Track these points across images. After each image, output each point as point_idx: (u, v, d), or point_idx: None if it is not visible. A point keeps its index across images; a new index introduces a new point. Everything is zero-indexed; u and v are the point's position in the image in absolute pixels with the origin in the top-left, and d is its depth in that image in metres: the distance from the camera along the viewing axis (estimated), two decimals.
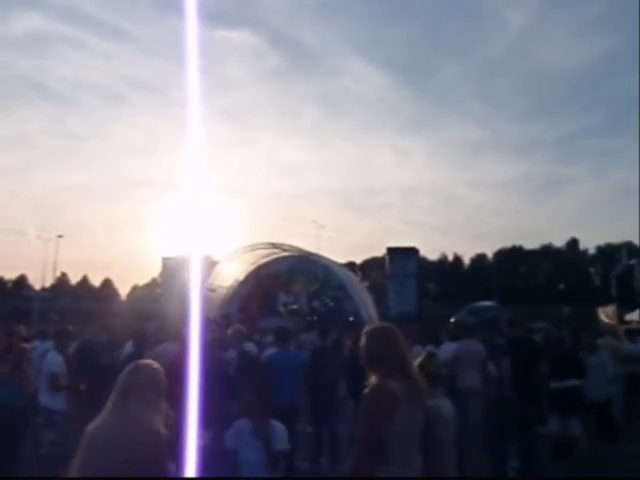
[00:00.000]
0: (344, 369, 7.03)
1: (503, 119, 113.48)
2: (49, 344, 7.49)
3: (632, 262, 40.35)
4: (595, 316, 26.38)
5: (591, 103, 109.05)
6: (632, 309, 24.31)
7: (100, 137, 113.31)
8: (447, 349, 7.63)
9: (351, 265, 62.96)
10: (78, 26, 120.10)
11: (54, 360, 6.44)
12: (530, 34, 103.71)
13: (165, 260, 36.36)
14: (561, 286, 74.04)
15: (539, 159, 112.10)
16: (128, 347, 7.18)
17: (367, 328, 3.00)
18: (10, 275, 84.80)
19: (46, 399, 6.12)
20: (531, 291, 69.68)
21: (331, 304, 26.85)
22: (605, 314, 25.58)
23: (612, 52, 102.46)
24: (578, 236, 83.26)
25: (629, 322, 20.81)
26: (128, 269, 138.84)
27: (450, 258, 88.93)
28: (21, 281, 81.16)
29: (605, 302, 29.72)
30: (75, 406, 6.68)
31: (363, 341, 2.91)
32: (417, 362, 3.47)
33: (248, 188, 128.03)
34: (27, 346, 6.61)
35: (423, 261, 55.86)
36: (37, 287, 57.05)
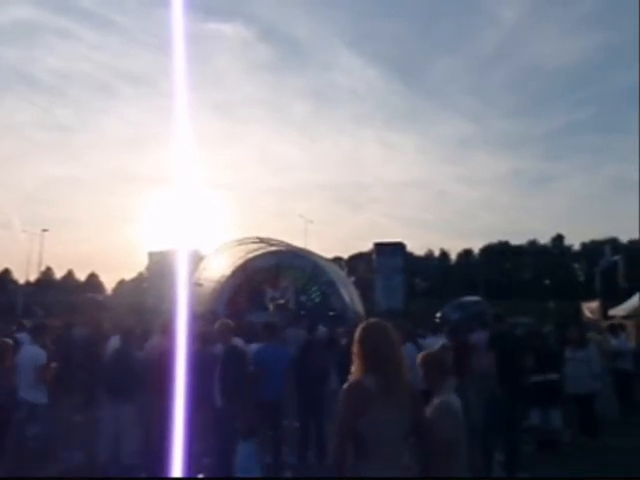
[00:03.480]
0: (336, 363, 7.05)
1: (493, 115, 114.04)
2: (25, 337, 7.42)
3: (616, 258, 40.81)
4: (579, 311, 26.64)
5: (581, 99, 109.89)
6: (616, 305, 24.55)
7: (88, 129, 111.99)
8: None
9: (338, 260, 63.00)
10: (66, 16, 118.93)
11: (38, 353, 6.39)
12: (522, 30, 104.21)
13: (152, 254, 36.13)
14: (546, 281, 74.70)
15: (529, 155, 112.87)
16: (114, 341, 7.13)
17: (359, 325, 3.00)
18: None
19: (27, 393, 6.06)
20: (516, 286, 70.22)
21: (318, 299, 26.88)
22: (589, 309, 25.82)
23: (603, 49, 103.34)
24: (564, 232, 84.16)
25: (612, 317, 21.04)
26: (114, 263, 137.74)
27: (437, 254, 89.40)
28: (5, 275, 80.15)
29: (589, 297, 29.98)
30: (57, 399, 6.67)
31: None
32: (431, 354, 3.46)
33: (237, 182, 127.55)
34: (9, 341, 6.54)
35: (410, 256, 56.06)
36: (21, 281, 56.43)
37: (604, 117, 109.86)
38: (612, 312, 23.27)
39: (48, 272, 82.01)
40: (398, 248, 37.53)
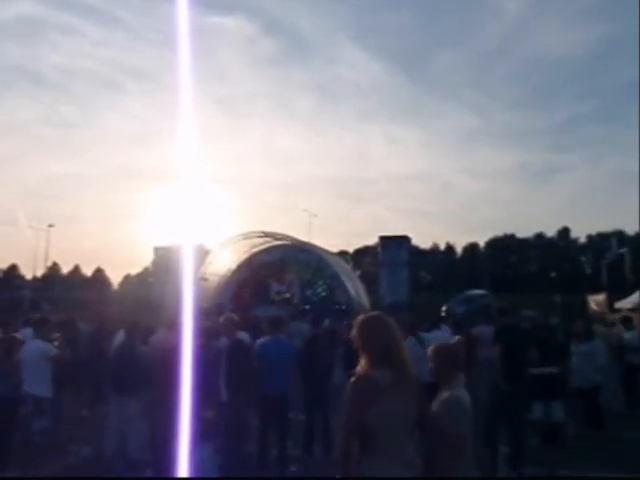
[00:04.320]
0: (340, 357, 7.06)
1: (498, 107, 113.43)
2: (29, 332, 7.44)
3: (622, 250, 40.74)
4: (586, 304, 26.57)
5: (586, 91, 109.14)
6: (622, 297, 24.49)
7: (92, 125, 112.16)
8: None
9: (343, 254, 63.04)
10: (70, 12, 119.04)
11: (45, 347, 6.42)
12: (525, 22, 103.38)
13: (157, 249, 36.27)
14: (552, 274, 74.39)
15: (534, 147, 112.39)
16: (120, 336, 7.17)
17: (357, 318, 3.01)
18: (1, 265, 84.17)
19: (31, 387, 6.10)
20: (522, 279, 70.01)
21: (324, 293, 26.90)
22: (595, 302, 25.77)
23: (607, 40, 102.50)
24: (569, 225, 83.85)
25: (619, 310, 20.98)
26: (120, 258, 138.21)
27: (442, 247, 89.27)
28: (12, 271, 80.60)
29: (595, 290, 29.92)
30: (63, 393, 6.71)
31: (353, 331, 2.93)
32: (445, 347, 3.38)
33: (241, 176, 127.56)
34: (19, 336, 6.59)
35: (415, 250, 56.03)
36: (28, 277, 56.80)
37: (608, 108, 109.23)
38: (618, 305, 23.22)
39: (55, 267, 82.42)
40: (403, 242, 37.49)
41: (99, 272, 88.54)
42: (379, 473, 2.61)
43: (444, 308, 20.44)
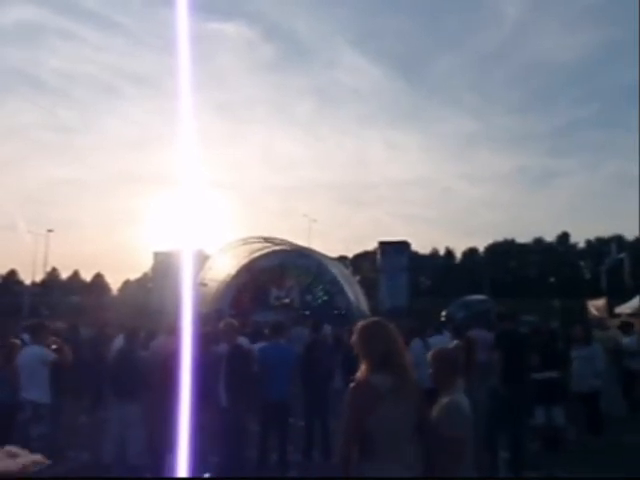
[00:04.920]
0: (341, 363, 7.04)
1: (497, 112, 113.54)
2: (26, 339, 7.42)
3: (621, 255, 40.77)
4: (585, 309, 26.55)
5: (585, 95, 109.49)
6: (622, 302, 24.48)
7: (92, 130, 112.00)
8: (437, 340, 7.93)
9: (343, 259, 63.02)
10: (70, 17, 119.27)
11: (42, 352, 6.40)
12: (525, 26, 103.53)
13: (157, 254, 36.30)
14: (552, 279, 74.40)
15: (533, 152, 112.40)
16: (118, 341, 7.17)
17: (357, 324, 3.00)
18: (0, 270, 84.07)
19: (29, 393, 6.07)
20: (522, 284, 70.01)
21: (323, 298, 26.91)
22: (595, 307, 25.74)
23: (606, 44, 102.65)
24: (569, 230, 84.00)
25: (619, 315, 20.96)
26: (120, 263, 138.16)
27: (442, 252, 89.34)
28: (11, 276, 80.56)
29: (595, 295, 29.89)
30: (62, 399, 6.69)
31: (354, 337, 2.92)
32: (445, 351, 3.36)
33: (241, 181, 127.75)
34: (17, 341, 6.59)
35: (415, 255, 56.06)
36: (27, 282, 56.75)
37: (607, 113, 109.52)
38: (618, 310, 23.20)
39: (54, 273, 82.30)
40: (403, 247, 37.54)
41: (98, 277, 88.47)
42: (379, 473, 2.61)
43: (444, 313, 20.44)
